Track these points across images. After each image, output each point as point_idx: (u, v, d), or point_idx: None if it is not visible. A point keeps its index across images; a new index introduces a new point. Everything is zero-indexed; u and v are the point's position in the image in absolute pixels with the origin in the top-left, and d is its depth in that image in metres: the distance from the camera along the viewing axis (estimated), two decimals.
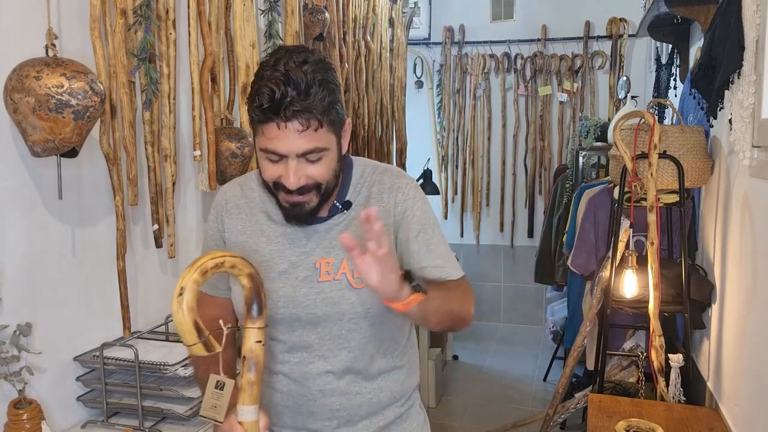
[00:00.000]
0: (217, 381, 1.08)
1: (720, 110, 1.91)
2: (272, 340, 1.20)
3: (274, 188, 1.12)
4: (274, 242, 1.19)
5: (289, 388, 1.21)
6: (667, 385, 2.12)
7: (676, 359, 2.10)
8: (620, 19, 4.61)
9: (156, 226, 1.85)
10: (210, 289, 1.26)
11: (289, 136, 1.05)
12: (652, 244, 2.16)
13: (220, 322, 1.06)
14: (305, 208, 1.12)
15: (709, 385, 2.16)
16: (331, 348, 1.18)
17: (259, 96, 1.05)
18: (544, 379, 4.04)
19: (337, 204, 1.19)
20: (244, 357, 1.03)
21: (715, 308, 2.18)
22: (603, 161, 3.80)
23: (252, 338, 1.03)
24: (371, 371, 1.22)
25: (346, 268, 1.16)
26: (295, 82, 1.04)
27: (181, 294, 0.95)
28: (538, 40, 4.83)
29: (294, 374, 1.20)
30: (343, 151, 1.18)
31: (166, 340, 1.81)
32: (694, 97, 2.33)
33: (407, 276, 1.04)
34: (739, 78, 1.72)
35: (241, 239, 1.21)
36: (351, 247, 0.96)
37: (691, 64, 2.79)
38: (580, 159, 3.80)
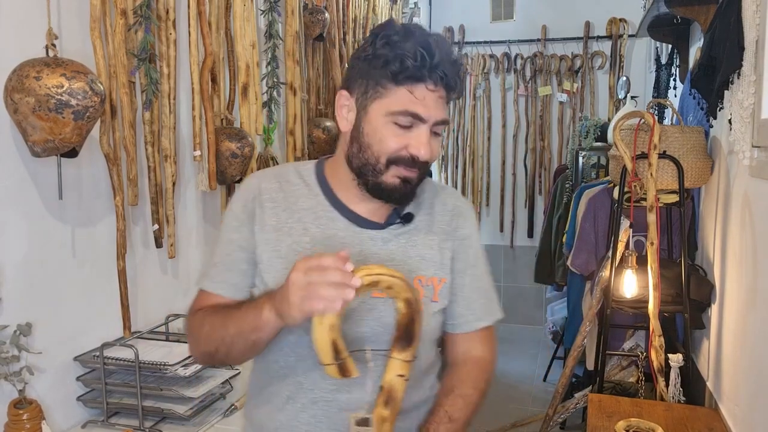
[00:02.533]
0: (358, 419, 0.96)
1: (720, 110, 1.91)
2: (302, 361, 1.05)
3: (388, 162, 1.01)
4: (321, 244, 1.05)
5: (318, 419, 1.05)
6: (667, 385, 2.12)
7: (676, 359, 2.10)
8: (620, 20, 4.62)
9: (156, 226, 1.85)
10: (228, 290, 1.09)
11: (434, 102, 0.99)
12: (652, 244, 2.16)
13: (367, 347, 0.96)
14: (412, 186, 1.04)
15: (709, 385, 2.16)
16: (371, 375, 1.03)
17: (413, 48, 0.96)
18: (544, 379, 4.04)
19: (399, 213, 1.09)
20: (382, 387, 0.93)
21: (714, 308, 2.18)
22: (603, 161, 3.80)
23: (394, 370, 0.92)
24: (408, 404, 1.06)
25: None
26: (447, 49, 0.99)
27: None
28: (538, 40, 4.83)
29: (325, 401, 1.05)
30: None
31: (166, 340, 1.81)
32: (694, 98, 2.33)
33: None
34: (738, 78, 1.72)
35: (273, 236, 1.06)
36: None
37: (691, 64, 2.79)
38: (580, 159, 3.80)
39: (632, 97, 3.39)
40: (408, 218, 1.09)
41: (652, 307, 2.14)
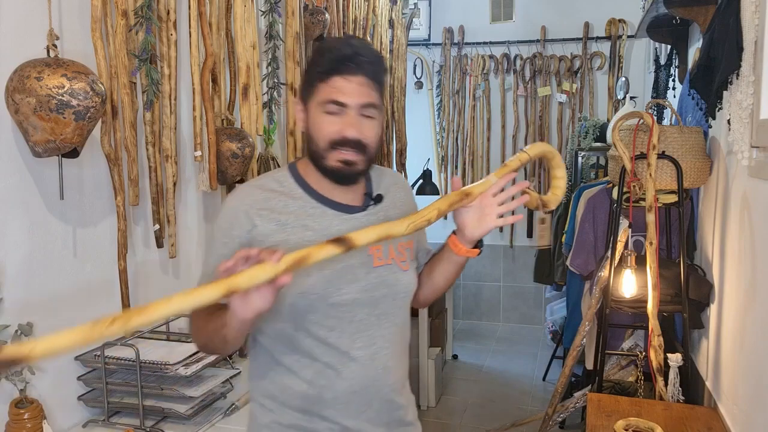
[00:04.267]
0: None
1: (718, 111, 1.92)
2: (333, 330, 1.22)
3: (330, 147, 1.18)
4: (321, 234, 1.20)
5: (356, 373, 1.23)
6: (666, 385, 2.13)
7: (675, 359, 2.10)
8: (619, 20, 4.62)
9: (157, 226, 1.85)
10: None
11: (354, 88, 1.17)
12: (651, 244, 2.17)
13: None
14: (355, 168, 1.20)
15: (708, 384, 2.17)
16: (387, 326, 1.27)
17: (330, 50, 1.18)
18: (544, 379, 4.05)
19: (371, 196, 1.28)
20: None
21: (713, 308, 2.18)
22: (602, 162, 3.81)
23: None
24: (403, 348, 1.33)
25: (393, 253, 1.28)
26: (366, 48, 1.20)
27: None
28: (538, 41, 4.84)
29: (361, 358, 1.24)
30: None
31: (167, 339, 1.82)
32: (693, 98, 2.34)
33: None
34: (737, 78, 1.73)
35: (281, 238, 1.20)
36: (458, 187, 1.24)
37: (690, 64, 2.80)
38: (579, 159, 3.81)
39: (631, 98, 3.40)
40: (379, 199, 1.29)
41: (651, 307, 2.15)
